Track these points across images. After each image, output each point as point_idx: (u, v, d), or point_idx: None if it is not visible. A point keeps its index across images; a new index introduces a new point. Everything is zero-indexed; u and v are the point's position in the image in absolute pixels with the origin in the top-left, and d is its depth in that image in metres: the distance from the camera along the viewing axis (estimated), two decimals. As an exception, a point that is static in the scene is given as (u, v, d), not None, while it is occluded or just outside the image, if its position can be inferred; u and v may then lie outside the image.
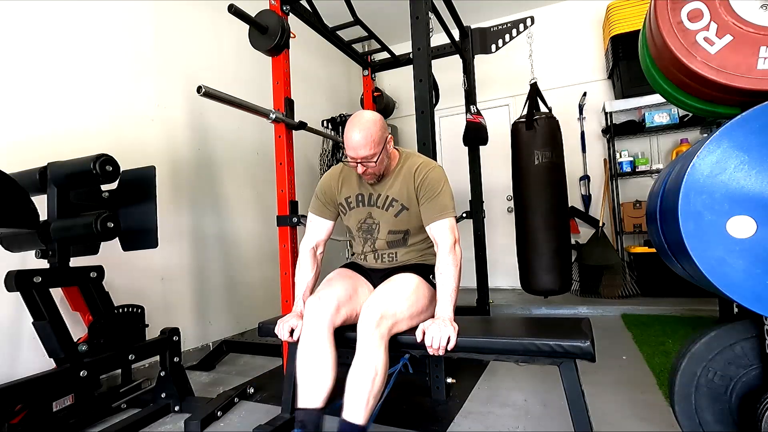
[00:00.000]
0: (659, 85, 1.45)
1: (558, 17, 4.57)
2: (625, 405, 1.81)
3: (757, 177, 1.03)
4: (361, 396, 1.30)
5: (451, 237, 1.48)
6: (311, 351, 1.41)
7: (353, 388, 1.31)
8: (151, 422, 1.88)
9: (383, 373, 1.33)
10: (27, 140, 2.08)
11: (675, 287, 3.54)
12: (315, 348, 1.40)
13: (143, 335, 2.12)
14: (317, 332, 1.41)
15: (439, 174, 1.57)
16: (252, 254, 3.43)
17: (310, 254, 1.69)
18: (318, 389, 1.37)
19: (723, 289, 1.05)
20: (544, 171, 2.62)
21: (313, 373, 1.38)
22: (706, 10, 1.16)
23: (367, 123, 1.48)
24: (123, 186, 1.94)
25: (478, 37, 3.33)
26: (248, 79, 3.34)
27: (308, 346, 1.42)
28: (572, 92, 4.43)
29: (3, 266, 1.78)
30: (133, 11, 2.63)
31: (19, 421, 1.65)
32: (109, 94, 2.46)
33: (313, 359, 1.40)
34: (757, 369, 1.18)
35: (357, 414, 1.28)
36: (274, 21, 2.25)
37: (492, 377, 2.23)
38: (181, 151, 2.88)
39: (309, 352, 1.41)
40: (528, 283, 2.70)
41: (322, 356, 1.39)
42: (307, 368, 1.39)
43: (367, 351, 1.33)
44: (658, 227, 1.37)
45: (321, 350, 1.40)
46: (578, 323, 1.41)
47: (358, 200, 1.65)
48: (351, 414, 1.29)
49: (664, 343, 2.57)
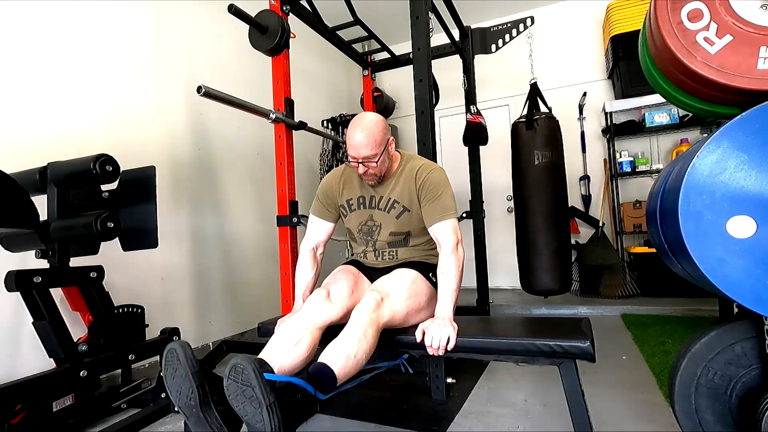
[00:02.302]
0: (659, 85, 1.45)
1: (558, 17, 4.57)
2: (625, 405, 1.81)
3: (757, 177, 1.03)
4: (341, 351, 1.24)
5: (453, 238, 1.49)
6: (295, 328, 1.35)
7: (334, 344, 1.26)
8: (151, 422, 1.88)
9: (368, 346, 1.28)
10: (27, 140, 2.08)
11: (675, 287, 3.54)
12: (300, 326, 1.35)
13: (143, 335, 2.12)
14: (309, 318, 1.39)
15: (440, 175, 1.57)
16: (252, 254, 3.43)
17: (311, 255, 1.70)
18: (284, 353, 1.28)
19: (723, 289, 1.05)
20: (544, 171, 2.62)
21: (287, 341, 1.31)
22: (706, 10, 1.15)
23: (370, 123, 1.49)
24: (123, 186, 1.94)
25: (478, 37, 3.33)
26: (248, 79, 3.34)
27: (295, 324, 1.36)
28: (572, 92, 4.43)
29: (3, 266, 1.78)
30: (133, 11, 2.63)
31: (19, 421, 1.65)
32: (109, 94, 2.46)
33: (293, 332, 1.34)
34: (757, 369, 1.18)
35: (332, 361, 1.21)
36: (274, 21, 2.25)
37: (492, 377, 2.23)
38: (181, 151, 2.88)
39: (292, 328, 1.35)
40: (528, 283, 2.70)
41: (305, 335, 1.33)
42: (284, 336, 1.33)
43: (357, 323, 1.30)
44: (658, 227, 1.37)
45: (305, 330, 1.35)
46: (578, 323, 1.41)
47: (360, 202, 1.66)
48: (326, 359, 1.22)
49: (664, 343, 2.57)
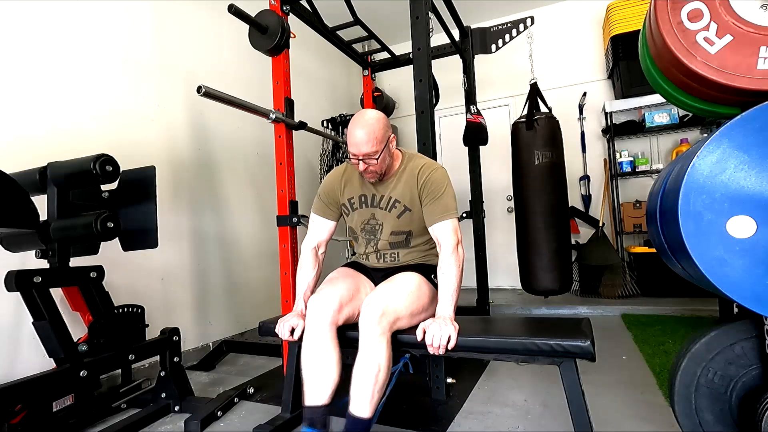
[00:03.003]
0: (659, 85, 1.45)
1: (558, 17, 4.57)
2: (625, 405, 1.81)
3: (757, 177, 1.03)
4: (366, 390, 1.32)
5: (454, 238, 1.49)
6: (316, 349, 1.42)
7: (358, 383, 1.33)
8: (151, 422, 1.88)
9: (386, 367, 1.35)
10: (27, 140, 2.08)
11: (675, 287, 3.54)
12: (319, 346, 1.41)
13: (143, 335, 2.12)
14: (321, 330, 1.42)
15: (442, 175, 1.57)
16: (252, 254, 3.43)
17: (312, 254, 1.70)
18: (324, 386, 1.38)
19: (723, 289, 1.05)
20: (544, 171, 2.62)
21: (319, 371, 1.40)
22: (706, 10, 1.15)
23: (370, 120, 1.49)
24: (123, 186, 1.94)
25: (478, 37, 3.33)
26: (248, 79, 3.34)
27: (312, 344, 1.42)
28: (572, 92, 4.43)
29: (3, 266, 1.78)
30: (133, 11, 2.63)
31: (19, 421, 1.65)
32: (109, 94, 2.46)
33: (317, 357, 1.41)
34: (757, 369, 1.18)
35: (363, 408, 1.31)
36: (274, 21, 2.25)
37: (492, 377, 2.23)
38: (181, 151, 2.88)
39: (313, 350, 1.42)
40: (528, 283, 2.70)
41: (327, 354, 1.41)
42: (312, 366, 1.41)
43: (370, 347, 1.34)
44: (658, 227, 1.37)
45: (325, 348, 1.41)
46: (578, 323, 1.41)
47: (361, 201, 1.66)
48: (357, 408, 1.31)
49: (664, 343, 2.57)
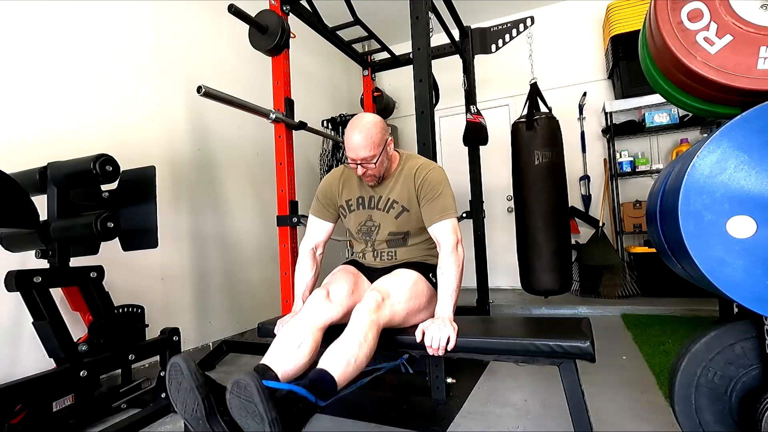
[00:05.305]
0: (659, 85, 1.45)
1: (558, 17, 4.57)
2: (625, 405, 1.81)
3: (757, 177, 1.03)
4: (342, 355, 1.22)
5: (453, 238, 1.48)
6: (297, 330, 1.34)
7: (335, 347, 1.25)
8: (151, 422, 1.88)
9: (368, 349, 1.27)
10: (27, 140, 2.08)
11: (675, 287, 3.54)
12: (302, 328, 1.35)
13: (143, 335, 2.12)
14: (310, 319, 1.38)
15: (439, 175, 1.57)
16: (252, 254, 3.43)
17: (310, 255, 1.70)
18: (287, 358, 1.27)
19: (723, 289, 1.05)
20: (544, 171, 2.62)
21: (290, 344, 1.30)
22: (706, 10, 1.15)
23: (367, 125, 1.48)
24: (123, 186, 1.94)
25: (478, 37, 3.33)
26: (248, 79, 3.34)
27: (296, 326, 1.36)
28: (572, 92, 4.43)
29: (3, 266, 1.78)
30: (133, 11, 2.63)
31: (19, 421, 1.65)
32: (110, 94, 2.46)
33: (295, 334, 1.33)
34: (757, 369, 1.18)
35: (333, 367, 1.20)
36: (274, 21, 2.25)
37: (492, 377, 2.23)
38: (181, 151, 2.88)
39: (294, 330, 1.34)
40: (528, 283, 2.71)
41: (307, 337, 1.33)
42: (286, 338, 1.32)
43: (358, 326, 1.29)
44: (658, 227, 1.37)
45: (307, 332, 1.34)
46: (578, 323, 1.41)
47: (359, 203, 1.66)
48: (326, 364, 1.21)
49: (664, 343, 2.57)
